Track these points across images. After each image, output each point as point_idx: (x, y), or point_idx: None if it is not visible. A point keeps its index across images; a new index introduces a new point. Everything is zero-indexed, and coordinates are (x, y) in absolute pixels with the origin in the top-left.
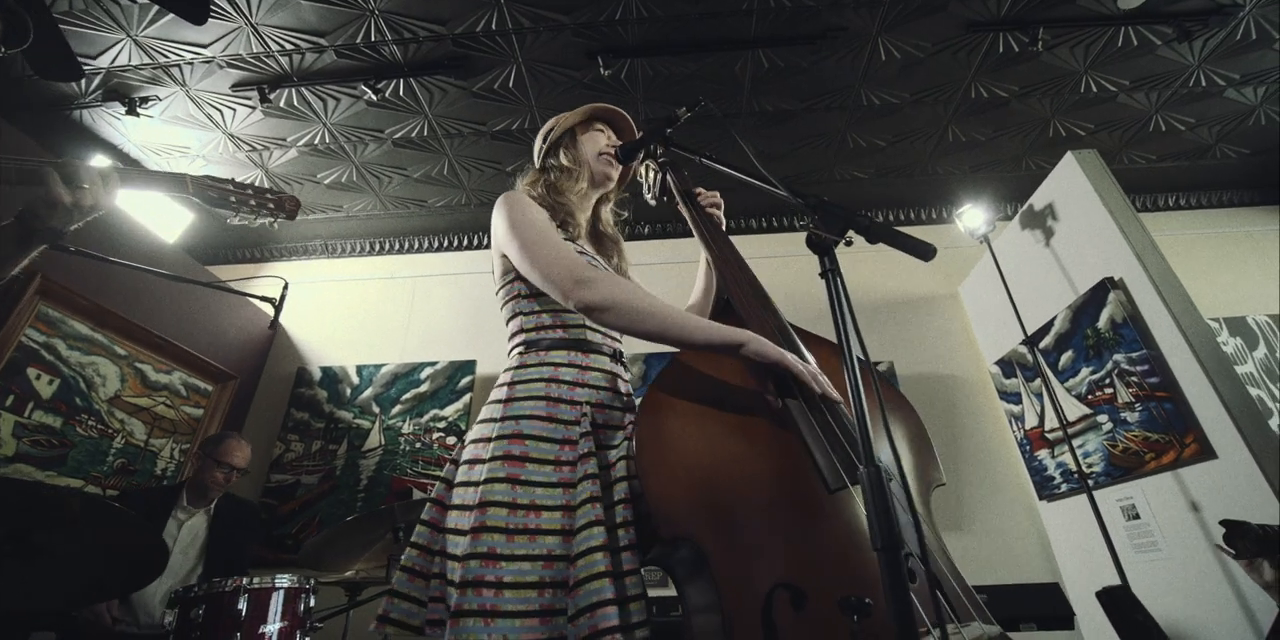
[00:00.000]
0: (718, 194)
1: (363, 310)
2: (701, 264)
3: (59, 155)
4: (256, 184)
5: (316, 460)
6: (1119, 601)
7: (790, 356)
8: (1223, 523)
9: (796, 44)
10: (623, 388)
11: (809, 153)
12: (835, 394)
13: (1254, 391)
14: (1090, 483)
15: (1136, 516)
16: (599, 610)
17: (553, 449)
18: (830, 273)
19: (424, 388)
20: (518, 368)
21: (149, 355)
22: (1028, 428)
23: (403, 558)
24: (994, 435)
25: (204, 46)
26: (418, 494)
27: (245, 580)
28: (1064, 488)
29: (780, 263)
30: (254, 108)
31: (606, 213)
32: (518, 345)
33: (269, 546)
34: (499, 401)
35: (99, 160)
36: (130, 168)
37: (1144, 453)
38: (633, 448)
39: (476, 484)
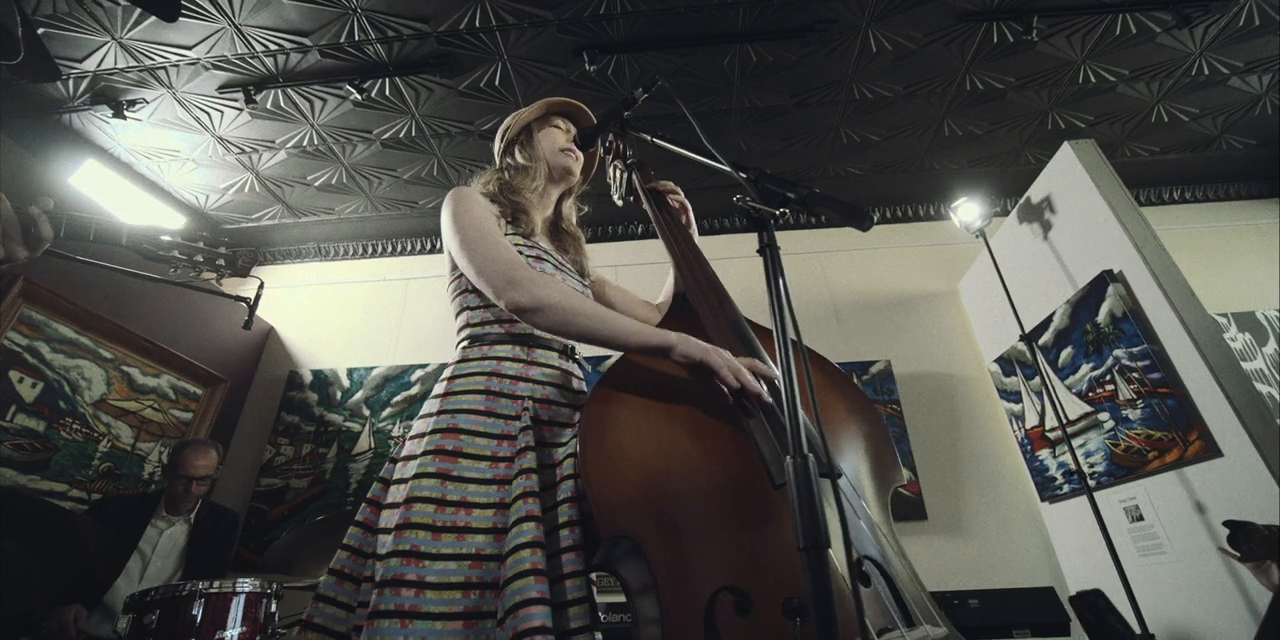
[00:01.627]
0: (672, 184)
1: (354, 313)
2: None
3: (49, 160)
4: (210, 236)
5: (306, 464)
6: (1092, 606)
7: (714, 353)
8: (1226, 523)
9: (785, 37)
10: (574, 385)
11: (802, 149)
12: (755, 388)
13: (1264, 388)
14: (1092, 483)
15: (1140, 518)
16: (522, 610)
17: (489, 444)
18: (768, 248)
19: (414, 390)
20: (460, 361)
21: (136, 358)
22: (1028, 427)
23: (333, 560)
24: (994, 435)
25: (188, 48)
26: None
27: (203, 584)
28: (1066, 488)
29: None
30: (241, 110)
31: (568, 208)
32: (463, 339)
33: (258, 552)
34: (437, 396)
35: (43, 201)
36: (64, 213)
37: (1147, 451)
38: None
39: (406, 480)
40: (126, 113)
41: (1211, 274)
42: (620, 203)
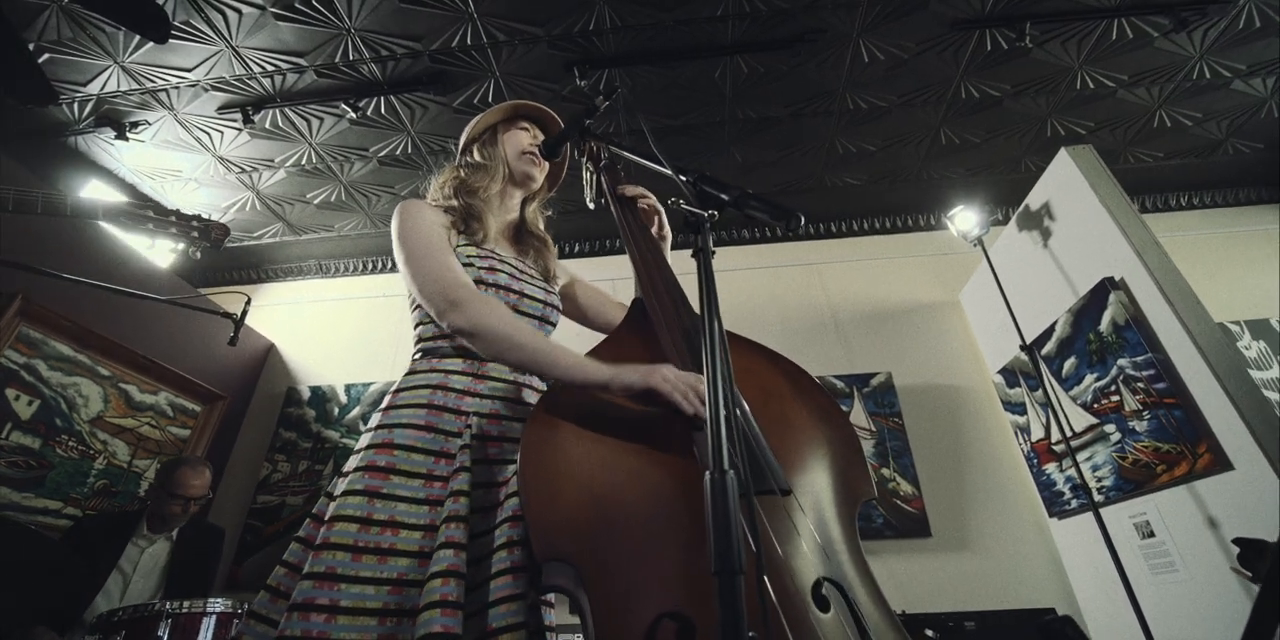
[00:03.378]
0: (642, 189)
1: (353, 329)
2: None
3: (53, 182)
4: (181, 211)
5: (302, 480)
6: (1062, 635)
7: (658, 378)
8: (1236, 541)
9: (775, 48)
10: (531, 398)
11: (799, 159)
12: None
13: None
14: (1100, 498)
15: (1151, 534)
16: None
17: (426, 461)
18: (701, 252)
19: None
20: (408, 374)
21: (134, 375)
22: (1034, 440)
23: (270, 576)
24: (1000, 449)
25: (188, 70)
26: None
27: (171, 604)
28: (1074, 504)
29: (769, 273)
30: (240, 129)
31: (533, 213)
32: (415, 352)
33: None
34: (381, 409)
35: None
36: (39, 192)
37: (1155, 465)
38: None
39: (335, 497)
40: (129, 134)
41: (1223, 281)
42: (592, 205)
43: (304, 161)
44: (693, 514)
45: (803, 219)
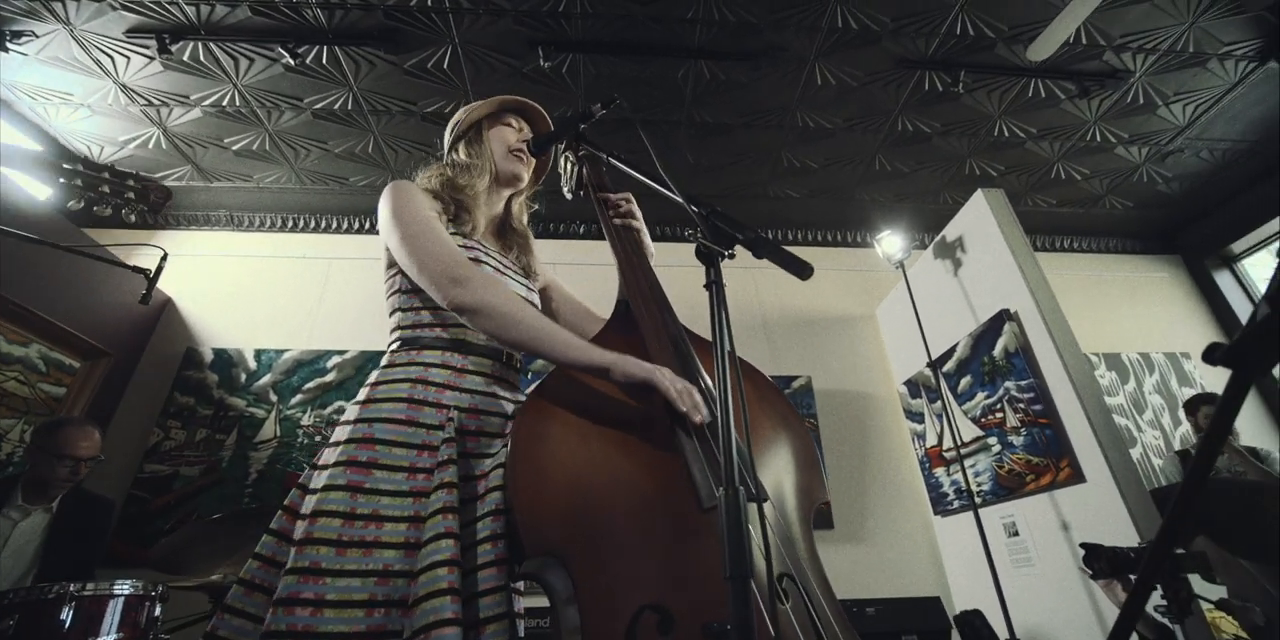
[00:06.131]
0: (628, 194)
1: (267, 290)
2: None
3: None
4: (115, 167)
5: (200, 450)
6: (970, 625)
7: (660, 375)
8: (1082, 546)
9: (738, 59)
10: (508, 394)
11: (746, 168)
12: (703, 414)
13: (1122, 421)
14: (979, 501)
15: (1016, 534)
16: (434, 631)
17: (408, 455)
18: (714, 284)
19: (330, 377)
20: (386, 366)
21: (1, 324)
22: (928, 446)
23: (243, 570)
24: (899, 452)
25: None
26: None
27: (74, 586)
28: (956, 504)
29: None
30: (152, 58)
31: (518, 207)
32: (393, 342)
33: (141, 546)
34: (359, 402)
35: None
36: None
37: (1026, 474)
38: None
39: (315, 492)
40: (9, 44)
41: (1087, 316)
42: (570, 195)
43: (225, 103)
44: (672, 511)
45: (813, 270)
